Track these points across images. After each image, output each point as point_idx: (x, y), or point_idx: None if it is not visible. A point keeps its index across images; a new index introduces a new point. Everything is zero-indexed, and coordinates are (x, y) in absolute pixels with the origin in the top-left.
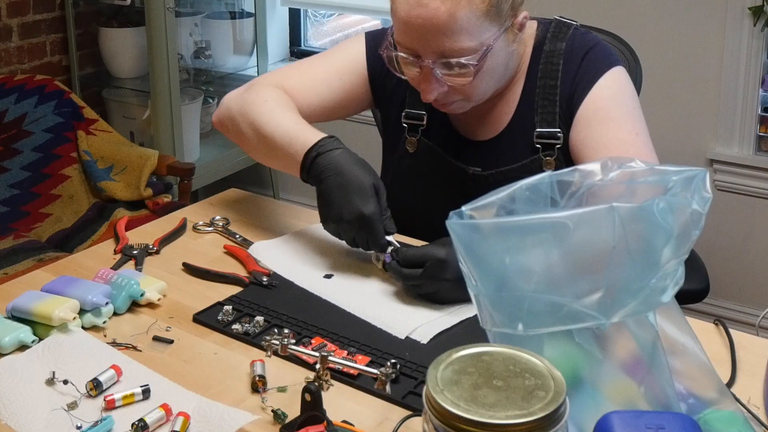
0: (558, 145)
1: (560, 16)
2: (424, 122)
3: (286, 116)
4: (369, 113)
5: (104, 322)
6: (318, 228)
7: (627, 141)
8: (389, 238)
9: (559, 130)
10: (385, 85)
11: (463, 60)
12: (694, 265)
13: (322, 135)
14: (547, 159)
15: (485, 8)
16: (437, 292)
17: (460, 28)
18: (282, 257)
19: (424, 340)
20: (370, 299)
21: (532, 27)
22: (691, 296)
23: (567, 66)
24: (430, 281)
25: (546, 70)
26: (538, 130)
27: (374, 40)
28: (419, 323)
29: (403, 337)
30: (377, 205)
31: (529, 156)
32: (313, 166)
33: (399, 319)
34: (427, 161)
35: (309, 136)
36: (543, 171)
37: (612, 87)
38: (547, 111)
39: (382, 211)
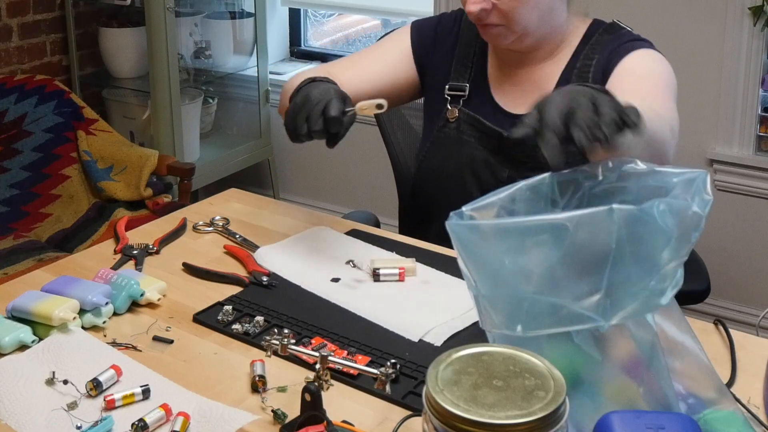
0: None
1: (618, 20)
2: (466, 93)
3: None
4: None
5: (104, 322)
6: (322, 231)
7: (648, 82)
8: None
9: None
10: (431, 65)
11: None
12: (694, 266)
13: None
14: None
15: None
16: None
17: None
18: (288, 261)
19: (438, 343)
20: (380, 302)
21: (585, 22)
22: (691, 297)
23: (606, 47)
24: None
25: (588, 54)
26: None
27: (419, 28)
28: (432, 326)
29: (416, 340)
30: (335, 95)
31: None
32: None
33: (411, 321)
34: (465, 129)
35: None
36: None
37: (644, 57)
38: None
39: (346, 106)
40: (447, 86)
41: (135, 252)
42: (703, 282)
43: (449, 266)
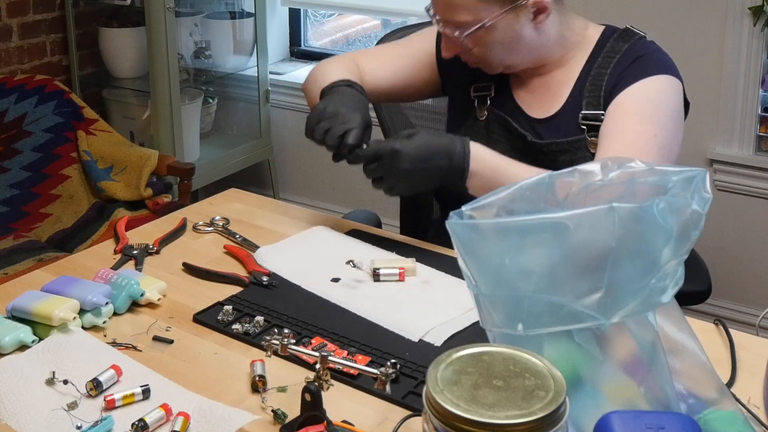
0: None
1: (631, 26)
2: (492, 92)
3: (336, 73)
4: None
5: (104, 322)
6: (322, 231)
7: (643, 135)
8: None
9: (602, 112)
10: (456, 66)
11: (456, 33)
12: (695, 266)
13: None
14: (592, 140)
15: None
16: (399, 184)
17: (459, 4)
18: (288, 261)
19: (438, 343)
20: (381, 302)
21: (598, 29)
22: (692, 297)
23: (621, 61)
24: (389, 174)
25: (602, 62)
26: (583, 112)
27: None
28: (432, 326)
29: (416, 340)
30: (361, 124)
31: (578, 135)
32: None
33: (411, 321)
34: (495, 128)
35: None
36: (589, 151)
37: (653, 88)
38: (594, 95)
39: (364, 137)
40: (473, 87)
41: (135, 252)
42: (703, 283)
43: (449, 266)
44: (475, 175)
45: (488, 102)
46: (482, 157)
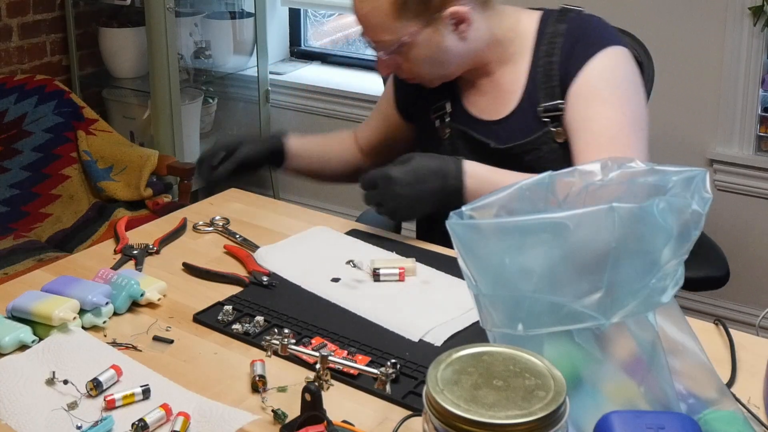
0: (563, 115)
1: (566, 5)
2: (448, 109)
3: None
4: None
5: (104, 322)
6: (322, 231)
7: (612, 119)
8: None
9: (561, 101)
10: (415, 99)
11: (381, 53)
12: (712, 253)
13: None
14: (557, 130)
15: (392, 10)
16: (398, 208)
17: (376, 24)
18: (288, 261)
19: (438, 343)
20: (381, 302)
21: (533, 16)
22: (710, 283)
23: (565, 45)
24: (385, 199)
25: (548, 50)
26: (542, 105)
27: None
28: (432, 326)
29: (416, 340)
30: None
31: (540, 129)
32: None
33: (411, 321)
34: (459, 144)
35: None
36: (556, 142)
37: (605, 66)
38: (549, 85)
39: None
40: (431, 110)
41: (135, 252)
42: (722, 268)
43: (449, 266)
44: (473, 191)
45: (447, 119)
46: (477, 173)
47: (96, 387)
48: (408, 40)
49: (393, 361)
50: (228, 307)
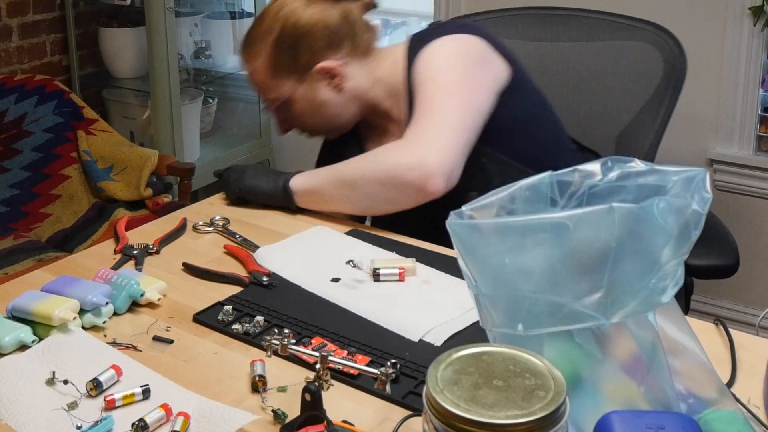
0: None
1: (414, 34)
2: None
3: None
4: None
5: (104, 322)
6: (322, 231)
7: (437, 99)
8: None
9: None
10: (330, 155)
11: (271, 110)
12: (723, 243)
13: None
14: None
15: (268, 70)
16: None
17: (259, 84)
18: (288, 261)
19: (438, 343)
20: (380, 302)
21: (402, 45)
22: (720, 272)
23: None
24: (234, 185)
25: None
26: None
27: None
28: (432, 326)
29: (416, 340)
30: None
31: None
32: None
33: (411, 321)
34: None
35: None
36: None
37: (433, 53)
38: None
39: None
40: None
41: (135, 252)
42: (732, 257)
43: (449, 266)
44: (308, 204)
45: None
46: (301, 189)
47: (96, 387)
48: (287, 96)
49: (393, 361)
50: (228, 307)
